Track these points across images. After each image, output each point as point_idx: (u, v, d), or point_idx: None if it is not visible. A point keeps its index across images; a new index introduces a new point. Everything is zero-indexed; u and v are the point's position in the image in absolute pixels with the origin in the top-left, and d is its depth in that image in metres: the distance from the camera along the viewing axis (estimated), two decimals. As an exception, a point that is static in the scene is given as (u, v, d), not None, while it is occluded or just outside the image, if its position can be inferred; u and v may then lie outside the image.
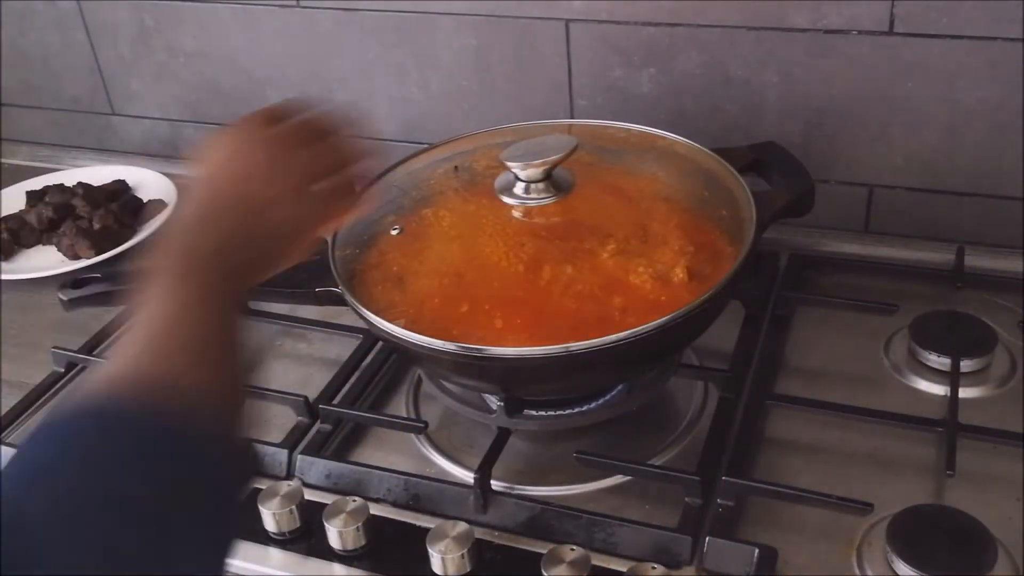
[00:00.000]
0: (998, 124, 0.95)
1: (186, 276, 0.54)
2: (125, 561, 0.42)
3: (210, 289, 0.55)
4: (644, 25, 1.03)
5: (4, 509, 0.41)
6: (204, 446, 0.47)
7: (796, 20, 0.97)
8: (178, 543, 0.44)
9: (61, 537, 0.40)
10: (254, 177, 0.61)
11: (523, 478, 0.79)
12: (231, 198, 0.60)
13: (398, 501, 0.77)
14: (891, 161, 1.01)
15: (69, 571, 0.40)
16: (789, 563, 0.70)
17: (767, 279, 0.96)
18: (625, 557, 0.71)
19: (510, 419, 0.79)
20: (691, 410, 0.84)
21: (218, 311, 0.54)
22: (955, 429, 0.77)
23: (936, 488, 0.75)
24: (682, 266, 0.81)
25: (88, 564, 0.40)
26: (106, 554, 0.41)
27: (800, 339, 0.92)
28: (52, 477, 0.43)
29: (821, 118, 1.01)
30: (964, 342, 0.86)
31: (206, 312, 0.53)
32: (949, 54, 0.94)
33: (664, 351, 0.79)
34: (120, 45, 1.30)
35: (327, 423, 0.85)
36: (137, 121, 1.36)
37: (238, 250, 0.58)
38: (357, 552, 0.72)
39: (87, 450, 0.44)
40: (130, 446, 0.45)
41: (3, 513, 0.41)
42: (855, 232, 1.06)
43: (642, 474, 0.77)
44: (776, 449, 0.80)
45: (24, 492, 0.42)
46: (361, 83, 1.19)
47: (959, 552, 0.67)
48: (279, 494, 0.74)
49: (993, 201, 0.99)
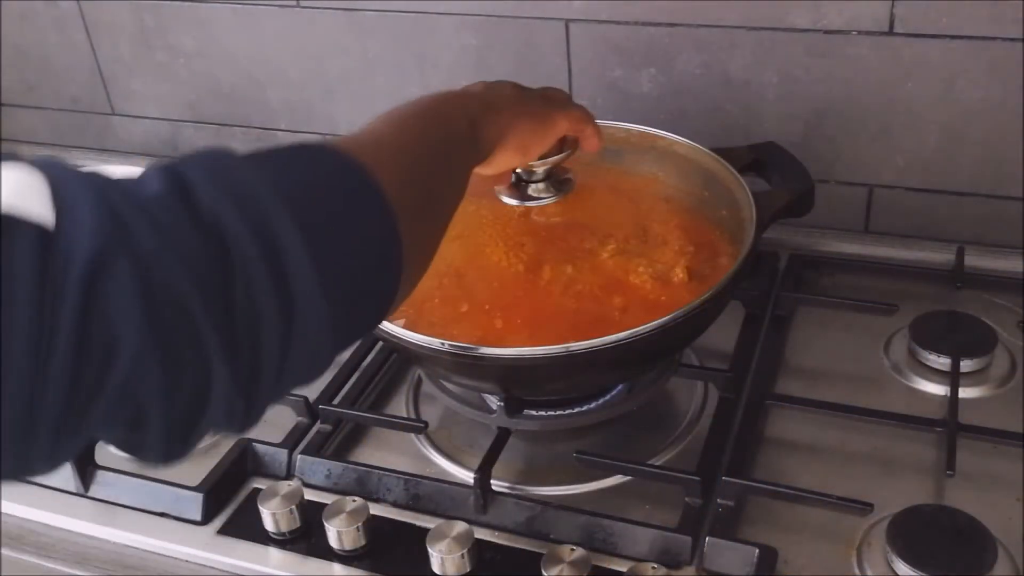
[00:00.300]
0: (998, 124, 0.95)
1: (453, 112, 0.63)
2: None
3: (462, 132, 0.62)
4: (644, 25, 1.03)
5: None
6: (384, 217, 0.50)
7: (796, 20, 0.97)
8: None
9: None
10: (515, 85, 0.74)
11: (523, 478, 0.79)
12: (505, 86, 0.73)
13: (398, 501, 0.77)
14: (891, 161, 1.01)
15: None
16: (789, 563, 0.70)
17: (767, 279, 0.96)
18: (625, 557, 0.71)
19: (510, 419, 0.79)
20: (691, 410, 0.84)
21: (457, 156, 0.61)
22: (955, 429, 0.77)
23: (936, 488, 0.75)
24: (682, 266, 0.81)
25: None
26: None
27: (800, 339, 0.92)
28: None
29: (821, 118, 1.01)
30: (964, 342, 0.86)
31: (448, 145, 0.61)
32: (949, 54, 0.94)
33: (664, 351, 0.79)
34: (120, 45, 1.30)
35: (327, 423, 0.85)
36: (137, 121, 1.36)
37: (487, 105, 0.67)
38: (357, 552, 0.72)
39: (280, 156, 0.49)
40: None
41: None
42: (855, 232, 1.06)
43: (642, 474, 0.77)
44: (776, 449, 0.80)
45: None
46: (361, 83, 1.19)
47: (959, 552, 0.67)
48: (279, 494, 0.74)
49: (993, 201, 0.99)
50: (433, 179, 0.58)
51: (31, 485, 0.82)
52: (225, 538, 0.76)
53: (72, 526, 0.79)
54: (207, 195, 0.41)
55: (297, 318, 0.43)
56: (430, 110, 0.62)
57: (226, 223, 0.41)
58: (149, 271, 0.38)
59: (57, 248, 0.36)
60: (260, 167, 0.46)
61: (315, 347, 0.46)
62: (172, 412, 0.40)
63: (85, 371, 0.36)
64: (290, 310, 0.43)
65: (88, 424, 0.38)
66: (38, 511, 0.80)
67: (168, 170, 0.42)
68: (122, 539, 0.78)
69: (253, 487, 0.80)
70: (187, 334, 0.39)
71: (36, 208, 0.36)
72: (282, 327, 0.43)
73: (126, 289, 0.37)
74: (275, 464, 0.81)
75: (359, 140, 0.54)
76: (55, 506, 0.80)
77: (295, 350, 0.44)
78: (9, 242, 0.35)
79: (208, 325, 0.40)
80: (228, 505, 0.78)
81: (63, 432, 0.37)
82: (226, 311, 0.40)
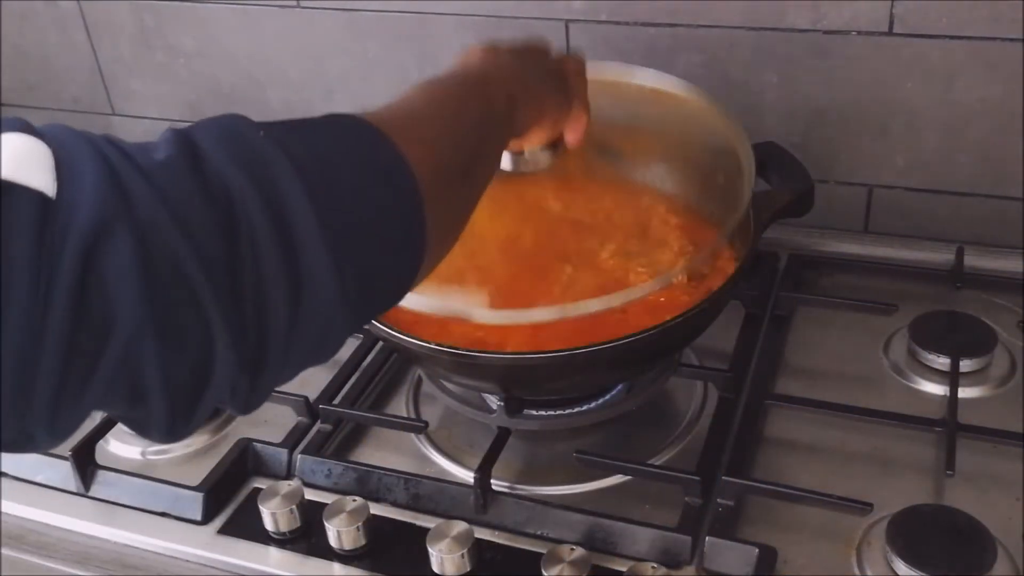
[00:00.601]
0: (998, 124, 0.95)
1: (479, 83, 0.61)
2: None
3: (490, 102, 0.60)
4: (644, 25, 1.03)
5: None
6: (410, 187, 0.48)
7: (796, 20, 0.97)
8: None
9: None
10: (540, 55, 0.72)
11: (523, 478, 0.79)
12: (533, 57, 0.70)
13: (398, 501, 0.77)
14: (891, 161, 1.01)
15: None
16: (789, 563, 0.70)
17: (767, 279, 0.96)
18: (625, 557, 0.71)
19: (510, 419, 0.79)
20: (691, 410, 0.84)
21: (493, 135, 0.60)
22: (955, 429, 0.77)
23: (936, 488, 0.75)
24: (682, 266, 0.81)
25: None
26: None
27: (800, 339, 0.92)
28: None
29: (821, 118, 1.01)
30: (964, 342, 0.86)
31: (485, 126, 0.59)
32: (949, 54, 0.94)
33: (664, 351, 0.80)
34: (120, 45, 1.30)
35: (327, 423, 0.85)
36: (137, 121, 1.36)
37: (525, 83, 0.65)
38: (357, 552, 0.72)
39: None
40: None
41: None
42: (855, 232, 1.06)
43: (642, 474, 0.77)
44: (776, 449, 0.80)
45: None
46: (361, 83, 1.19)
47: (959, 552, 0.67)
48: (279, 494, 0.74)
49: (993, 201, 0.99)
50: (467, 158, 0.56)
51: (31, 485, 0.82)
52: (225, 538, 0.76)
53: (72, 526, 0.79)
54: (217, 161, 0.40)
55: (305, 295, 0.42)
56: (470, 87, 0.61)
57: (235, 192, 0.40)
58: (150, 242, 0.37)
59: (56, 216, 0.36)
60: (279, 135, 0.44)
61: (325, 324, 0.44)
62: (173, 388, 0.39)
63: (81, 342, 0.36)
64: (298, 286, 0.42)
65: (87, 397, 0.37)
66: (38, 511, 0.80)
67: (180, 134, 0.41)
68: (122, 539, 0.78)
69: (253, 487, 0.80)
70: (188, 309, 0.38)
71: (37, 176, 0.36)
72: (289, 304, 0.41)
73: (125, 260, 0.36)
74: (275, 464, 0.81)
75: (393, 113, 0.52)
76: (55, 506, 0.80)
77: (303, 327, 0.43)
78: (8, 209, 0.35)
79: (211, 300, 0.39)
80: (228, 505, 0.78)
81: (61, 403, 0.37)
82: (231, 286, 0.39)
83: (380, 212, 0.47)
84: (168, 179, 0.39)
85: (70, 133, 0.39)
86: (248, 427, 0.86)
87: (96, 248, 0.36)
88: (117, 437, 0.86)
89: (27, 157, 0.36)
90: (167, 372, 0.38)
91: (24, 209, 0.35)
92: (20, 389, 0.35)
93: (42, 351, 0.35)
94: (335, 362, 0.92)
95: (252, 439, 0.82)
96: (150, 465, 0.84)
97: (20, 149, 0.36)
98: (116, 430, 0.86)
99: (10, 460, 0.84)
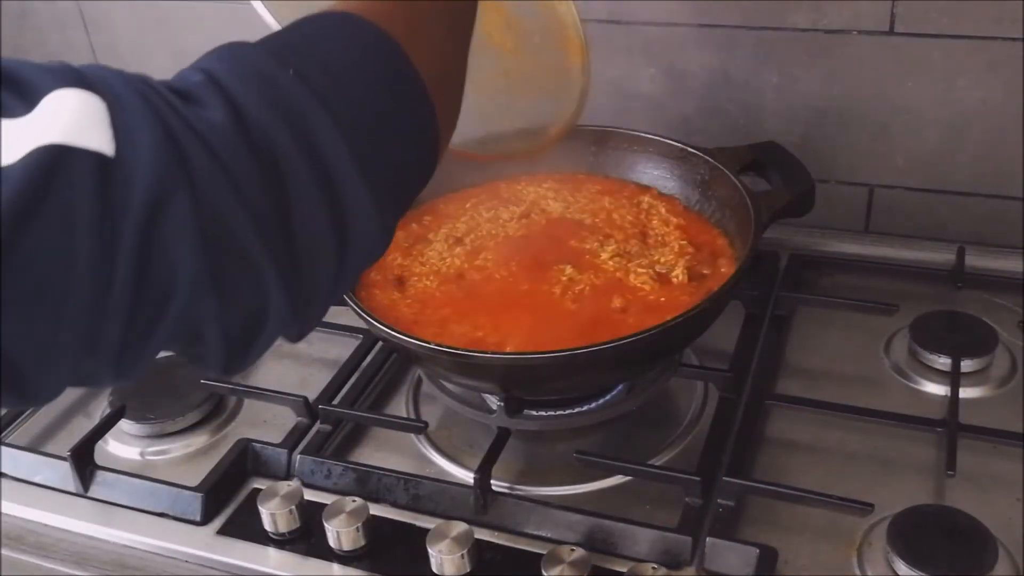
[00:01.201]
0: (998, 124, 0.95)
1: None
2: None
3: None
4: (644, 25, 1.03)
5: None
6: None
7: (796, 20, 0.97)
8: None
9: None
10: None
11: (523, 478, 0.79)
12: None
13: (398, 501, 0.77)
14: (891, 161, 1.01)
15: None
16: (789, 563, 0.69)
17: (767, 279, 0.96)
18: (625, 557, 0.71)
19: (510, 419, 0.79)
20: (691, 410, 0.84)
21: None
22: (955, 429, 0.77)
23: (936, 488, 0.75)
24: (682, 267, 0.81)
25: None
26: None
27: (800, 339, 0.92)
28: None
29: (821, 118, 1.01)
30: (964, 342, 0.86)
31: None
32: (949, 54, 0.94)
33: (665, 352, 0.79)
34: (120, 45, 1.30)
35: (327, 423, 0.85)
36: (137, 121, 1.36)
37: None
38: (357, 552, 0.72)
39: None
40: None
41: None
42: (855, 232, 1.06)
43: (642, 474, 0.77)
44: (776, 449, 0.80)
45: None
46: (361, 83, 1.19)
47: (959, 552, 0.67)
48: (279, 494, 0.74)
49: (993, 201, 0.99)
50: (461, 33, 0.57)
51: (30, 485, 0.82)
52: (225, 538, 0.76)
53: (72, 526, 0.79)
54: (259, 119, 0.42)
55: (351, 234, 0.45)
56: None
57: (279, 148, 0.42)
58: (206, 204, 0.39)
59: (117, 178, 0.37)
60: (305, 70, 0.45)
61: (369, 250, 0.48)
62: (229, 335, 0.42)
63: (144, 302, 0.38)
64: (343, 229, 0.44)
65: (150, 345, 0.40)
66: (38, 511, 0.80)
67: (214, 84, 0.42)
68: (122, 539, 0.78)
69: (253, 487, 0.80)
70: (243, 265, 0.40)
71: (95, 136, 0.37)
72: (337, 248, 0.44)
73: (184, 223, 0.38)
74: (275, 464, 0.81)
75: (388, 8, 0.52)
76: (55, 506, 0.80)
77: (349, 261, 0.46)
78: (68, 172, 0.35)
79: (264, 255, 0.41)
80: (228, 505, 0.78)
81: (126, 350, 0.39)
82: (282, 240, 0.41)
83: (403, 134, 0.49)
84: (220, 141, 0.40)
85: (119, 80, 0.40)
86: (247, 427, 0.86)
87: (157, 211, 0.37)
88: (116, 437, 0.86)
89: (83, 117, 0.37)
90: (224, 322, 0.41)
91: (85, 170, 0.36)
92: (88, 339, 0.37)
93: (107, 312, 0.37)
94: (335, 362, 0.91)
95: (251, 439, 0.82)
96: (149, 465, 0.84)
97: (75, 108, 0.37)
98: (115, 431, 0.86)
99: (10, 460, 0.84)
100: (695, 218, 0.89)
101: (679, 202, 0.91)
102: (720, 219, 0.88)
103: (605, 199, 0.92)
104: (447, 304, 0.81)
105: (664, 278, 0.81)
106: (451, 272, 0.84)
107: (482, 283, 0.83)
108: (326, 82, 0.45)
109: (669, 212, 0.89)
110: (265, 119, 0.42)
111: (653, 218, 0.89)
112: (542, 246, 0.85)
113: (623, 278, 0.81)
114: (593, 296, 0.79)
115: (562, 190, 0.94)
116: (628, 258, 0.83)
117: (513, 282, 0.82)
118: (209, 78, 0.42)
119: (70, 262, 0.35)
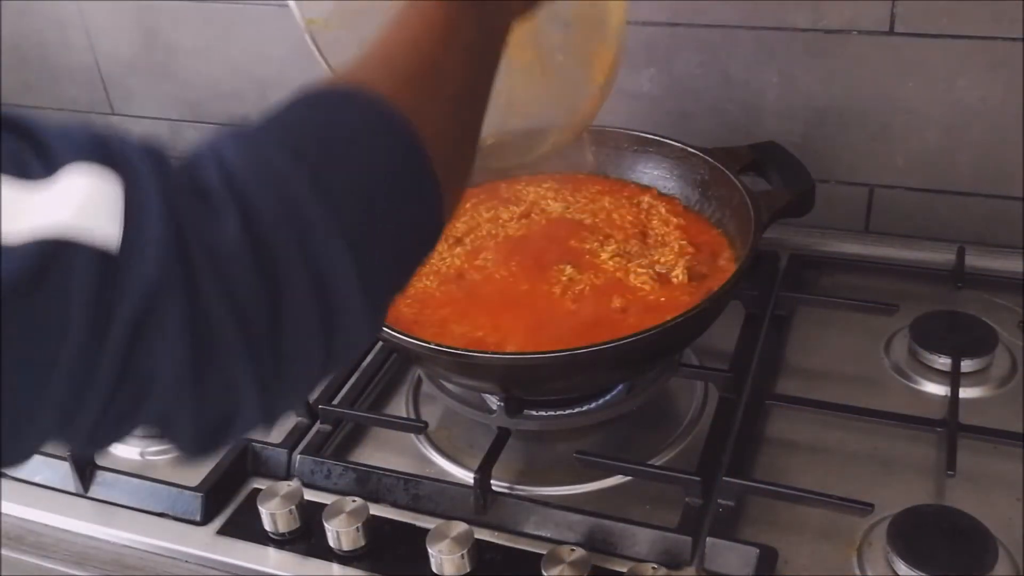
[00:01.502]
0: (998, 124, 0.95)
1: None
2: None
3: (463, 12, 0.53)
4: (644, 25, 1.02)
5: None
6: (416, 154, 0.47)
7: (796, 20, 0.97)
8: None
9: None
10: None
11: (523, 478, 0.79)
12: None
13: (398, 501, 0.77)
14: (891, 161, 1.01)
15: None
16: (789, 563, 0.69)
17: (767, 279, 0.96)
18: (625, 557, 0.71)
19: (510, 419, 0.79)
20: (691, 410, 0.84)
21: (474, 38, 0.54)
22: (955, 429, 0.77)
23: (936, 488, 0.75)
24: (682, 267, 0.82)
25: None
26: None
27: (800, 339, 0.92)
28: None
29: (821, 118, 1.01)
30: (964, 342, 0.86)
31: (455, 34, 0.53)
32: (949, 54, 0.94)
33: (665, 352, 0.79)
34: (120, 45, 1.30)
35: (327, 423, 0.85)
36: (137, 121, 1.36)
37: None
38: (357, 552, 0.72)
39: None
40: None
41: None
42: (855, 232, 1.06)
43: (642, 474, 0.77)
44: (776, 449, 0.80)
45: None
46: (361, 83, 1.19)
47: (959, 552, 0.67)
48: (279, 494, 0.74)
49: (994, 201, 0.99)
50: (474, 106, 0.54)
51: (30, 485, 0.82)
52: (225, 538, 0.76)
53: (72, 526, 0.79)
54: (272, 238, 0.40)
55: (337, 348, 0.44)
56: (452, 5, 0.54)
57: (282, 263, 0.40)
58: (201, 313, 0.38)
59: (115, 278, 0.36)
60: (314, 163, 0.43)
61: (351, 352, 0.47)
62: (199, 431, 0.42)
63: (122, 397, 0.38)
64: (332, 340, 0.43)
65: (120, 431, 0.40)
66: (38, 511, 0.80)
67: (234, 195, 0.40)
68: (122, 539, 0.78)
69: (253, 487, 0.80)
70: (226, 373, 0.40)
71: (103, 226, 0.36)
72: (321, 357, 0.43)
73: (175, 330, 0.37)
74: (275, 464, 0.81)
75: (399, 83, 0.49)
76: (55, 506, 0.80)
77: (329, 368, 0.45)
78: (68, 267, 0.35)
79: (248, 366, 0.40)
80: (228, 505, 0.78)
81: (95, 434, 0.39)
82: (270, 350, 0.41)
83: (409, 232, 0.48)
84: (227, 254, 0.39)
85: (141, 158, 0.39)
86: (248, 427, 0.86)
87: (150, 315, 0.37)
88: (116, 437, 0.86)
89: (96, 202, 0.36)
90: (196, 423, 0.41)
91: (84, 268, 0.35)
92: (63, 418, 0.37)
93: (88, 396, 0.37)
94: (335, 362, 0.91)
95: (251, 439, 0.82)
96: (149, 465, 0.84)
97: (90, 192, 0.36)
98: (115, 430, 0.86)
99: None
100: (695, 218, 0.90)
101: (679, 202, 0.91)
102: (720, 219, 0.88)
103: (605, 199, 0.92)
104: (447, 304, 0.81)
105: (664, 278, 0.81)
106: (451, 272, 0.84)
107: (482, 283, 0.83)
108: (340, 186, 0.44)
109: (669, 212, 0.90)
110: (277, 239, 0.40)
111: (653, 218, 0.89)
112: (542, 246, 0.85)
113: (623, 278, 0.81)
114: (593, 296, 0.79)
115: (562, 190, 0.94)
116: (628, 258, 0.83)
117: (513, 282, 0.82)
118: (225, 177, 0.41)
119: (57, 349, 0.35)
